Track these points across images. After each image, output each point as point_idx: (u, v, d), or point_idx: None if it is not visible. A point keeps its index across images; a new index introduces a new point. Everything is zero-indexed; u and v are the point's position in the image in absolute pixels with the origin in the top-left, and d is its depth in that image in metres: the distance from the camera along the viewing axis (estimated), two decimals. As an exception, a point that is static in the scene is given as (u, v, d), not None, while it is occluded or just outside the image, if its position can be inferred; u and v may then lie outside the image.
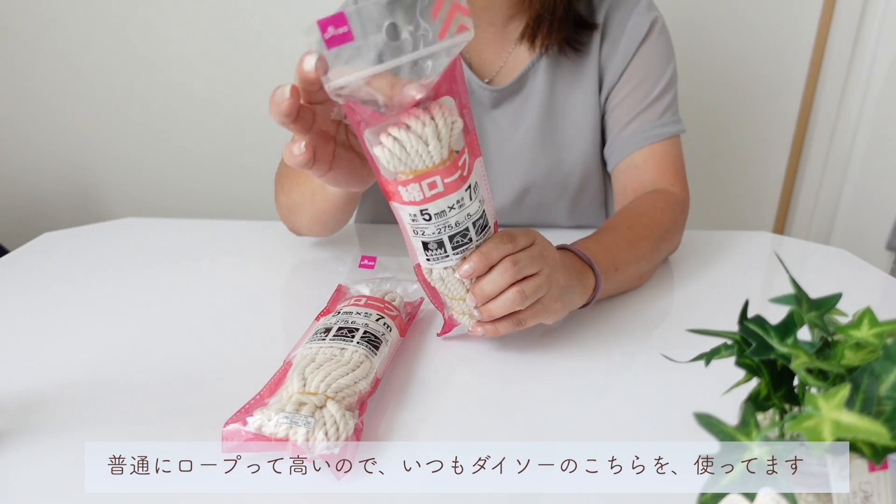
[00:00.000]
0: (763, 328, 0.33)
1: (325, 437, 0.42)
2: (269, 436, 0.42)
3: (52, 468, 0.43)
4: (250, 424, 0.43)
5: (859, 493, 0.29)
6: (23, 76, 1.52)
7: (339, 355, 0.49)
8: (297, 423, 0.42)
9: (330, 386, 0.45)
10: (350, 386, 0.46)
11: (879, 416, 0.28)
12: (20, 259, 0.77)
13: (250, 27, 1.45)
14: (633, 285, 0.70)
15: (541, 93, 0.84)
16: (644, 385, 0.53)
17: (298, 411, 0.42)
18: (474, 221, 0.50)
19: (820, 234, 1.61)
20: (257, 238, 0.85)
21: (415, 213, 0.48)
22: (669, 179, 0.80)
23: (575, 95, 0.84)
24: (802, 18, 1.44)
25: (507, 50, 0.85)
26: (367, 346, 0.50)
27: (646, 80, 0.81)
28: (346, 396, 0.45)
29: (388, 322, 0.55)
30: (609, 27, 0.82)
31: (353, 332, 0.51)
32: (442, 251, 0.50)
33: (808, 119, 1.54)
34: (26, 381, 0.53)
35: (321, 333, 0.51)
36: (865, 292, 0.71)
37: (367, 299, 0.57)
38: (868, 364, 0.29)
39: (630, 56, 0.81)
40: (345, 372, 0.47)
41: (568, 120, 0.85)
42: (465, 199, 0.48)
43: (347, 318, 0.53)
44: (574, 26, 0.81)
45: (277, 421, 0.42)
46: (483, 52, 0.85)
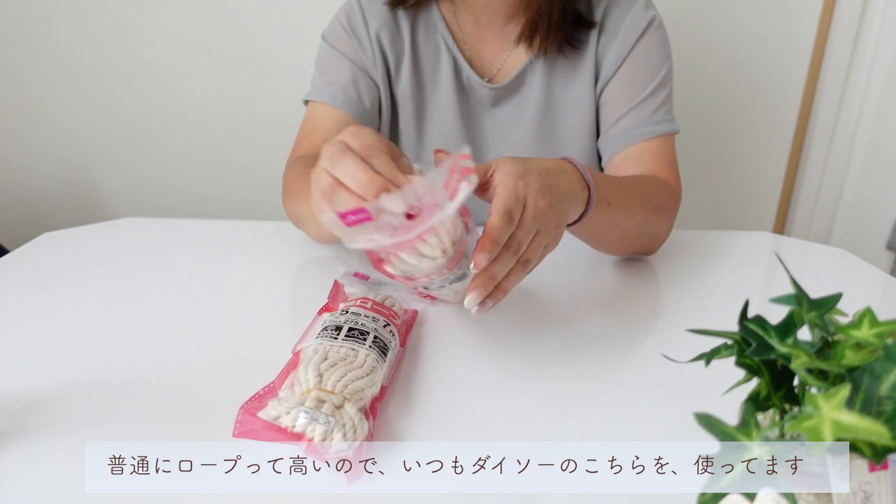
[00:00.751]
0: (763, 328, 0.33)
1: (342, 438, 0.41)
2: (286, 428, 0.42)
3: (52, 468, 0.43)
4: (266, 413, 0.42)
5: (859, 493, 0.29)
6: (23, 76, 1.52)
7: (352, 356, 0.48)
8: (318, 421, 0.41)
9: (347, 387, 0.45)
10: (364, 389, 0.46)
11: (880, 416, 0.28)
12: (20, 259, 0.77)
13: (250, 28, 1.45)
14: (614, 239, 0.69)
15: (538, 90, 0.84)
16: (644, 385, 0.53)
17: (318, 408, 0.42)
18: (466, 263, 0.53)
19: (820, 234, 1.61)
20: (258, 238, 0.85)
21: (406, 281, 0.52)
22: (664, 173, 0.80)
23: (572, 92, 0.85)
24: (802, 18, 1.44)
25: (506, 49, 0.85)
26: (378, 351, 0.50)
27: (641, 77, 0.82)
28: (361, 399, 0.45)
29: (393, 330, 0.54)
30: (607, 24, 0.82)
31: (364, 336, 0.51)
32: (434, 289, 0.55)
33: (808, 119, 1.54)
34: (26, 381, 0.53)
35: (332, 331, 0.51)
36: (865, 292, 0.71)
37: (372, 303, 0.57)
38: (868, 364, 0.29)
39: (626, 52, 0.81)
40: (360, 374, 0.47)
41: (565, 117, 0.86)
42: (458, 269, 0.52)
43: (356, 319, 0.53)
44: (573, 25, 0.81)
45: (297, 415, 0.42)
46: (483, 52, 0.86)
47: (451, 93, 0.86)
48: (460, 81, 0.86)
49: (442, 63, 0.86)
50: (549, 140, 0.87)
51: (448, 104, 0.86)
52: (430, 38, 0.85)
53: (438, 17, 0.85)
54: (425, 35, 0.85)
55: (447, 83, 0.86)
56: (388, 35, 0.84)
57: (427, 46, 0.86)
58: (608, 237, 0.68)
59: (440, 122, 0.88)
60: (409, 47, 0.85)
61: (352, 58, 0.84)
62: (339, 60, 0.84)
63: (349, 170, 0.46)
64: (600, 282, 0.73)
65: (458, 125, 0.87)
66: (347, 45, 0.85)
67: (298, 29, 1.43)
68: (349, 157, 0.46)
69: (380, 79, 0.85)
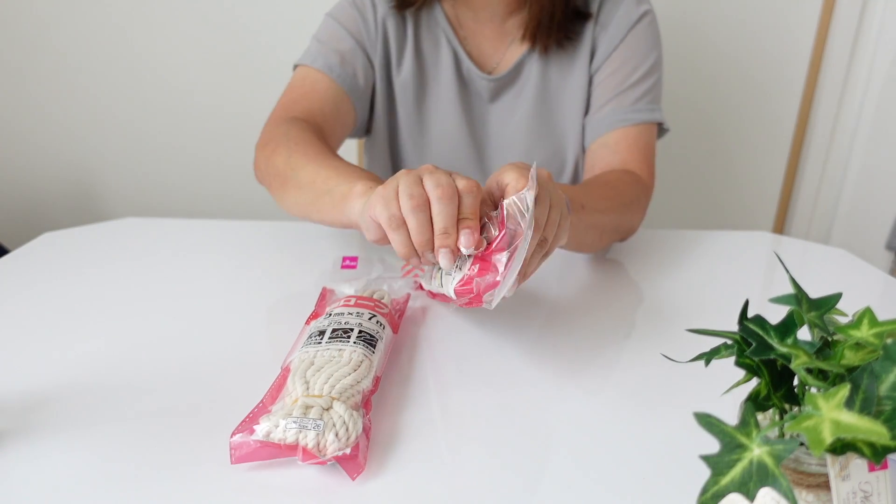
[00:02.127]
0: (763, 328, 0.33)
1: (336, 439, 0.41)
2: (278, 442, 0.42)
3: (52, 468, 0.43)
4: (257, 433, 0.42)
5: (859, 492, 0.29)
6: (23, 76, 1.52)
7: (337, 356, 0.49)
8: (307, 427, 0.41)
9: (334, 387, 0.45)
10: (353, 385, 0.46)
11: (879, 415, 0.28)
12: (20, 259, 0.77)
13: (250, 28, 1.45)
14: (592, 240, 0.71)
15: (535, 80, 0.86)
16: (644, 385, 0.53)
17: (306, 415, 0.42)
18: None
19: (819, 234, 1.61)
20: (257, 238, 0.85)
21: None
22: (637, 164, 0.82)
23: (568, 82, 0.86)
24: (802, 19, 1.45)
25: (505, 44, 0.87)
26: (364, 345, 0.50)
27: (626, 65, 0.84)
28: (351, 396, 0.45)
29: (380, 320, 0.55)
30: (601, 15, 0.84)
31: (348, 333, 0.51)
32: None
33: (808, 119, 1.54)
34: (26, 380, 0.53)
35: (315, 337, 0.51)
36: (865, 292, 0.71)
37: (356, 299, 0.57)
38: (868, 364, 0.29)
39: (617, 42, 0.83)
40: (347, 372, 0.47)
41: (562, 106, 0.88)
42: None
43: (340, 319, 0.53)
44: (572, 19, 0.83)
45: (286, 426, 0.42)
46: (482, 46, 0.87)
47: (451, 84, 0.87)
48: (461, 74, 0.87)
49: (442, 56, 0.87)
50: (548, 131, 0.88)
51: (449, 96, 0.88)
52: (431, 33, 0.87)
53: (441, 13, 0.86)
54: (427, 30, 0.86)
55: (448, 75, 0.87)
56: (393, 24, 0.85)
57: (429, 41, 0.87)
58: (588, 239, 0.70)
59: (441, 113, 0.89)
60: (412, 40, 0.86)
61: (354, 34, 0.84)
62: (341, 33, 0.84)
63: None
64: (600, 281, 0.73)
65: (458, 116, 0.88)
66: (352, 20, 0.85)
67: (298, 29, 1.43)
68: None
69: (378, 63, 0.85)
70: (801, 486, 0.32)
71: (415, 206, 0.49)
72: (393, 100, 0.89)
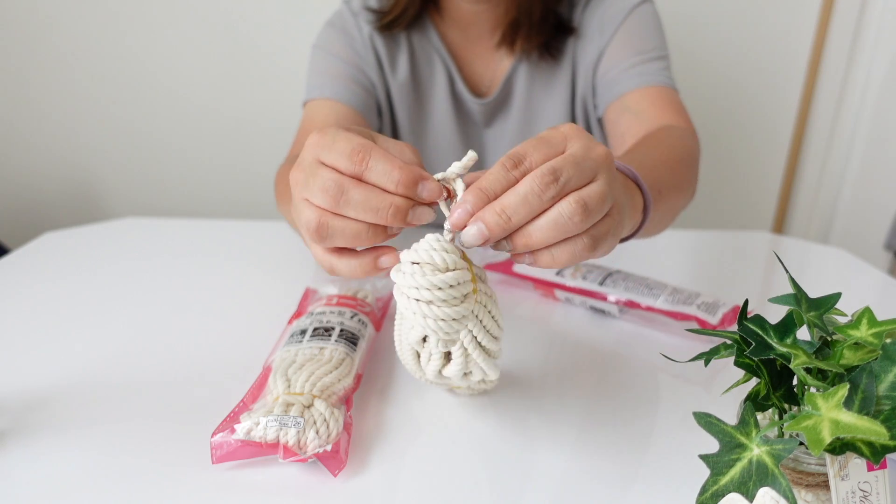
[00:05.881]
0: (762, 328, 0.33)
1: (316, 436, 0.42)
2: (259, 440, 0.42)
3: (52, 468, 0.43)
4: (238, 432, 0.42)
5: (858, 492, 0.30)
6: (23, 76, 1.52)
7: (318, 355, 0.49)
8: (287, 425, 0.42)
9: (315, 385, 0.45)
10: (335, 383, 0.46)
11: (878, 415, 0.28)
12: (21, 259, 0.77)
13: (250, 29, 1.45)
14: (664, 225, 0.60)
15: (521, 97, 0.85)
16: (643, 385, 0.53)
17: (287, 412, 0.42)
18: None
19: (819, 234, 1.61)
20: (257, 238, 0.85)
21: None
22: (672, 117, 0.70)
23: (551, 100, 0.85)
24: (801, 18, 1.45)
25: (494, 61, 0.85)
26: (345, 343, 0.51)
27: (637, 40, 0.78)
28: (333, 394, 0.46)
29: (362, 318, 0.55)
30: (583, 27, 0.81)
31: (329, 331, 0.52)
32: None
33: (807, 119, 1.54)
34: (26, 380, 0.53)
35: (297, 335, 0.52)
36: (864, 292, 0.71)
37: (338, 298, 0.57)
38: (867, 364, 0.29)
39: (616, 26, 0.79)
40: (328, 370, 0.47)
41: (543, 125, 0.86)
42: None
43: (322, 318, 0.54)
44: (553, 30, 0.80)
45: (266, 424, 0.42)
46: (473, 66, 0.86)
47: (447, 106, 0.86)
48: (455, 95, 0.86)
49: (437, 73, 0.85)
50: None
51: (444, 118, 0.86)
52: (424, 50, 0.85)
53: (434, 33, 0.84)
54: (420, 44, 0.85)
55: (442, 92, 0.86)
56: (381, 39, 0.83)
57: (422, 55, 0.85)
58: (659, 226, 0.59)
59: (437, 126, 0.88)
60: (406, 50, 0.84)
61: (346, 59, 0.83)
62: (334, 61, 0.83)
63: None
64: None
65: (455, 137, 0.88)
66: (340, 45, 0.83)
67: (298, 31, 1.43)
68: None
69: (375, 76, 0.84)
70: (800, 486, 0.32)
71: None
72: (392, 108, 0.88)
